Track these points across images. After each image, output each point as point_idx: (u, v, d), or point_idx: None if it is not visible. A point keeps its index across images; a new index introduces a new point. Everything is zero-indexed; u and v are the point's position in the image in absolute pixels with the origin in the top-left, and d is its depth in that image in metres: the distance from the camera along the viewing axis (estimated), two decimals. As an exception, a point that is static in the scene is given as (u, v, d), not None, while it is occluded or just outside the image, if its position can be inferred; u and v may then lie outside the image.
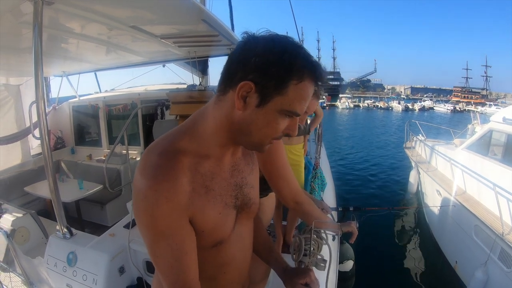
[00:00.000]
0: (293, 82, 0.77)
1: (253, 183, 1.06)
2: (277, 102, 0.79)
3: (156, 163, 0.79)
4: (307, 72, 0.78)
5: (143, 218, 0.79)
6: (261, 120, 0.81)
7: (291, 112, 0.81)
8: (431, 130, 11.00)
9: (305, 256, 1.24)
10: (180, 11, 3.09)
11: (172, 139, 0.86)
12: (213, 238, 0.91)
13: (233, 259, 1.03)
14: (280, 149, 1.42)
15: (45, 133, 2.43)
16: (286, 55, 0.76)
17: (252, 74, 0.77)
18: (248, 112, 0.81)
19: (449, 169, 6.62)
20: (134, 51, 4.68)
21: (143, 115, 5.61)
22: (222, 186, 0.92)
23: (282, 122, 0.83)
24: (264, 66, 0.76)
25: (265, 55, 0.77)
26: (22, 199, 4.74)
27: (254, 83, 0.77)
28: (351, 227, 1.48)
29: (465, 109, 55.98)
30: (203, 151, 0.87)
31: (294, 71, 0.77)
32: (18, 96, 5.23)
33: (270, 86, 0.77)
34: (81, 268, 2.46)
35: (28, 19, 2.33)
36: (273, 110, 0.80)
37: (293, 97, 0.79)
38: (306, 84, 0.79)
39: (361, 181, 12.03)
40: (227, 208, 0.93)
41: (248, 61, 0.77)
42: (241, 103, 0.79)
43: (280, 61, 0.76)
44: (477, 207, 5.31)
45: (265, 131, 0.84)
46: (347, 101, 64.62)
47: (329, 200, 3.61)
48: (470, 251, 5.25)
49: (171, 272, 0.82)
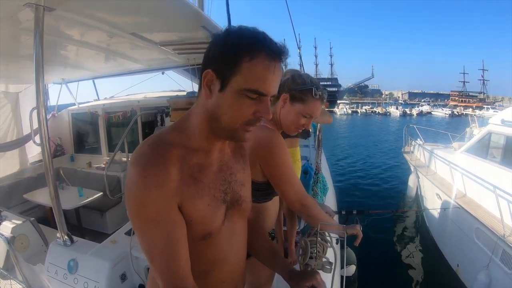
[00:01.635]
0: (245, 60, 0.80)
1: (243, 181, 1.08)
2: (235, 83, 0.81)
3: (146, 153, 0.83)
4: (257, 48, 0.81)
5: (133, 205, 0.81)
6: (224, 103, 0.84)
7: (251, 90, 0.82)
8: (430, 134, 11.04)
9: (311, 259, 1.23)
10: (180, 18, 3.11)
11: (163, 133, 0.91)
12: (202, 229, 0.92)
13: (225, 257, 1.03)
14: (283, 153, 1.43)
15: (45, 140, 2.42)
16: (231, 36, 0.82)
17: (212, 63, 0.83)
18: (214, 99, 0.85)
19: (449, 172, 6.62)
20: (133, 59, 4.70)
21: (142, 122, 5.61)
22: (210, 179, 0.94)
23: (244, 103, 0.84)
24: (217, 53, 0.83)
25: (217, 43, 0.84)
26: (22, 207, 4.71)
27: (214, 70, 0.83)
28: (356, 229, 1.48)
29: (463, 113, 56.27)
30: (191, 145, 0.90)
31: (242, 50, 0.80)
32: (17, 104, 5.25)
33: (226, 69, 0.81)
34: (82, 276, 2.44)
35: (28, 25, 2.34)
36: (233, 91, 0.82)
37: (248, 75, 0.81)
38: (260, 60, 0.81)
39: (360, 186, 12.03)
40: (216, 201, 0.95)
41: (208, 53, 0.86)
42: (207, 91, 0.85)
43: (228, 44, 0.82)
44: (477, 209, 5.31)
45: (231, 114, 0.85)
46: (345, 107, 64.75)
47: (330, 204, 3.60)
48: (472, 254, 5.23)
49: (162, 259, 0.82)
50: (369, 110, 64.29)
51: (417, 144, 9.63)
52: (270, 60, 0.82)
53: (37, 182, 4.86)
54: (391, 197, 10.67)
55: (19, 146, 5.29)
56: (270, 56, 0.82)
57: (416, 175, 8.89)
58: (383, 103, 72.80)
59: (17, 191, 4.77)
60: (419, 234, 7.65)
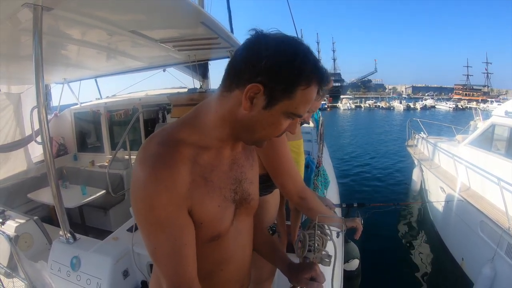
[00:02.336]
0: (301, 88, 0.78)
1: (252, 179, 1.07)
2: (283, 105, 0.80)
3: (156, 153, 0.79)
4: (314, 77, 0.79)
5: (141, 208, 0.79)
6: (266, 121, 0.82)
7: (295, 115, 0.83)
8: (433, 128, 11.00)
9: (310, 252, 1.23)
10: (179, 14, 3.09)
11: (173, 130, 0.87)
12: (211, 231, 0.91)
13: (231, 256, 1.02)
14: (283, 145, 1.42)
15: (46, 139, 2.42)
16: (298, 60, 0.76)
17: (261, 76, 0.76)
18: (254, 113, 0.81)
19: (453, 165, 6.58)
20: (134, 56, 4.69)
21: (144, 119, 5.62)
22: (221, 178, 0.92)
23: (285, 123, 0.85)
24: (274, 70, 0.76)
25: (276, 58, 0.76)
26: (25, 206, 4.74)
27: (263, 85, 0.76)
28: (356, 222, 1.47)
29: (466, 107, 55.83)
30: (203, 143, 0.87)
31: (303, 77, 0.77)
32: (19, 104, 5.26)
33: (279, 89, 0.77)
34: (84, 273, 2.45)
35: (27, 26, 2.33)
36: (279, 112, 0.81)
37: (299, 101, 0.80)
38: (313, 89, 0.81)
39: (364, 180, 12.01)
40: (226, 202, 0.93)
41: (258, 62, 0.76)
42: (248, 104, 0.79)
43: (291, 66, 0.76)
44: (482, 202, 5.28)
45: (268, 131, 0.86)
46: (348, 102, 64.37)
47: (333, 198, 3.59)
48: (477, 248, 5.21)
49: (169, 264, 0.81)
50: (372, 104, 63.92)
51: (420, 137, 9.57)
52: (318, 89, 0.83)
53: (41, 182, 4.88)
54: (395, 191, 10.65)
55: (22, 147, 5.31)
56: (319, 85, 0.83)
57: (420, 168, 8.84)
58: (387, 98, 72.47)
59: (21, 190, 4.80)
60: (423, 228, 7.62)
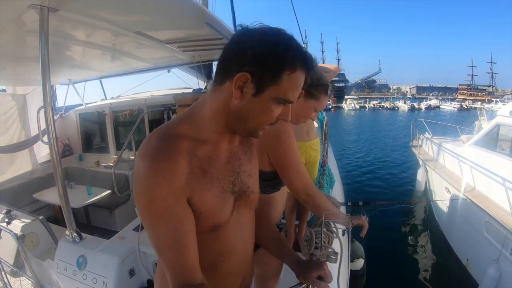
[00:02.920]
0: (287, 73, 0.82)
1: (251, 172, 1.09)
2: (272, 91, 0.83)
3: (155, 146, 0.83)
4: (299, 62, 0.83)
5: (142, 199, 0.82)
6: (257, 108, 0.86)
7: (285, 100, 0.86)
8: (438, 128, 10.93)
9: (316, 249, 1.23)
10: (184, 15, 3.11)
11: (171, 125, 0.91)
12: (210, 221, 0.93)
13: (232, 248, 1.04)
14: (292, 142, 1.43)
15: (53, 139, 2.45)
16: (280, 47, 0.81)
17: (248, 66, 0.81)
18: (245, 101, 0.85)
19: (457, 165, 6.54)
20: (139, 57, 4.72)
21: (149, 120, 5.64)
22: (219, 170, 0.95)
23: (276, 109, 0.88)
24: (259, 58, 0.81)
25: (260, 47, 0.81)
26: (31, 206, 4.78)
27: (251, 74, 0.81)
28: (362, 220, 1.47)
29: (471, 107, 55.49)
30: (200, 137, 0.91)
31: (288, 62, 0.81)
32: (24, 106, 5.32)
33: (266, 76, 0.82)
34: (91, 272, 2.47)
35: (33, 27, 2.35)
36: (268, 98, 0.85)
37: (286, 86, 0.84)
38: (298, 74, 0.84)
39: (369, 180, 11.98)
40: (225, 193, 0.96)
41: (244, 53, 0.81)
42: (238, 93, 0.84)
43: (274, 53, 0.80)
44: (487, 203, 5.24)
45: (261, 118, 0.89)
46: (352, 103, 64.36)
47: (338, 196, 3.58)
48: (482, 248, 5.18)
49: (171, 253, 0.83)
50: (377, 105, 63.87)
51: (425, 138, 9.52)
52: (305, 73, 0.87)
53: (47, 182, 4.93)
54: (399, 191, 10.60)
55: (28, 147, 5.36)
56: (306, 69, 0.86)
57: (425, 169, 8.80)
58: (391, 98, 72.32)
59: (27, 191, 4.84)
60: (428, 228, 7.59)
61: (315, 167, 2.75)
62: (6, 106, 5.05)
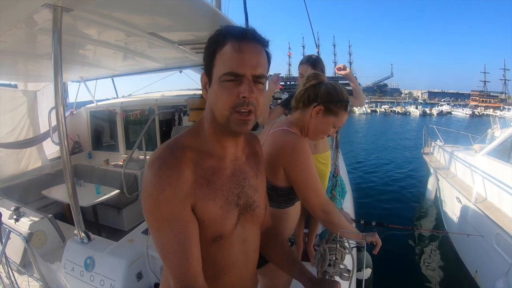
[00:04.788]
0: (218, 51, 0.87)
1: (257, 187, 1.09)
2: (215, 74, 0.88)
3: (162, 156, 0.87)
4: (224, 37, 0.87)
5: (148, 204, 0.85)
6: (212, 95, 0.91)
7: (227, 73, 0.86)
8: (450, 135, 10.78)
9: (330, 266, 1.21)
10: (197, 17, 3.10)
11: (179, 137, 0.96)
12: (213, 231, 0.94)
13: (234, 261, 1.04)
14: (308, 160, 1.41)
15: (64, 138, 2.45)
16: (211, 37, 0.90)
17: (204, 67, 0.94)
18: (208, 95, 0.93)
19: (469, 175, 6.44)
20: (151, 57, 4.73)
21: (160, 120, 5.66)
22: (223, 181, 0.96)
23: (226, 88, 0.87)
24: (204, 55, 0.92)
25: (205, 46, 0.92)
26: (39, 203, 4.82)
27: (205, 71, 0.93)
28: (376, 237, 1.44)
29: (483, 113, 54.84)
30: (205, 149, 0.95)
31: (215, 43, 0.88)
32: (34, 102, 5.38)
33: (208, 66, 0.90)
34: (98, 273, 2.46)
35: (47, 25, 2.36)
36: (216, 82, 0.88)
37: (222, 61, 0.87)
38: (228, 45, 0.86)
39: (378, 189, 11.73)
40: (229, 204, 0.97)
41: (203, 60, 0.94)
42: (204, 92, 0.95)
43: (207, 43, 0.91)
44: (498, 215, 5.14)
45: (219, 103, 0.89)
46: (364, 106, 63.92)
47: (348, 210, 3.53)
48: (491, 260, 5.08)
49: (174, 257, 0.85)
50: (388, 109, 63.22)
51: (436, 145, 9.40)
52: (237, 42, 0.86)
53: (55, 179, 4.97)
54: (410, 200, 10.42)
55: (37, 144, 5.41)
56: (236, 38, 0.86)
57: (436, 177, 8.68)
58: (403, 103, 71.59)
59: (36, 187, 4.88)
60: (438, 238, 7.48)
61: (324, 181, 2.72)
62: (17, 102, 5.10)
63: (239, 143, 1.04)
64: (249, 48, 0.87)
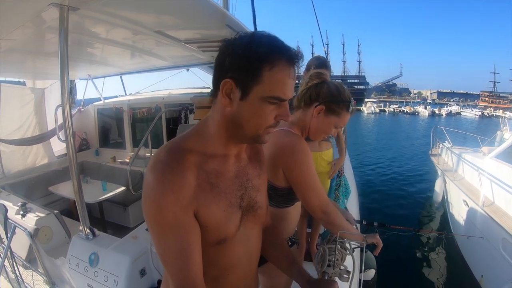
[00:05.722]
0: (266, 69, 0.82)
1: (259, 187, 1.09)
2: (257, 91, 0.84)
3: (164, 160, 0.85)
4: (276, 56, 0.83)
5: (150, 209, 0.84)
6: (247, 111, 0.86)
7: (273, 97, 0.85)
8: (458, 137, 10.64)
9: (329, 267, 1.21)
10: (204, 16, 3.11)
11: (181, 139, 0.93)
12: (216, 235, 0.93)
13: (237, 262, 1.04)
14: (308, 161, 1.41)
15: (70, 135, 2.48)
16: (252, 46, 0.82)
17: (230, 72, 0.84)
18: (235, 107, 0.87)
19: (477, 178, 6.35)
20: (158, 56, 4.75)
21: (166, 118, 5.68)
22: (226, 184, 0.95)
23: (267, 109, 0.87)
24: (236, 62, 0.83)
25: (235, 52, 0.83)
26: (47, 199, 4.87)
27: (233, 79, 0.83)
28: (376, 238, 1.44)
29: (493, 115, 54.14)
30: (208, 151, 0.92)
31: (263, 58, 0.82)
32: (42, 99, 5.44)
33: (246, 78, 0.83)
34: (102, 269, 2.49)
35: (54, 24, 2.38)
36: (256, 99, 0.85)
37: (270, 83, 0.83)
38: (280, 67, 0.83)
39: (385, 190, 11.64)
40: (232, 207, 0.96)
41: (224, 61, 0.85)
42: (227, 100, 0.86)
43: (247, 53, 0.82)
44: (505, 219, 5.07)
45: (255, 121, 0.88)
46: (372, 106, 63.39)
47: (353, 210, 3.51)
48: (498, 265, 5.01)
49: (175, 263, 0.84)
50: (397, 109, 62.64)
51: (444, 147, 9.28)
52: (289, 67, 0.85)
53: (62, 175, 5.00)
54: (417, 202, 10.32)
55: (44, 141, 5.48)
56: (288, 63, 0.85)
57: (443, 179, 8.56)
58: (412, 102, 70.95)
59: (43, 183, 4.93)
60: (444, 241, 7.40)
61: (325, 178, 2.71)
62: (25, 100, 5.16)
63: (243, 144, 1.04)
64: (294, 74, 0.87)
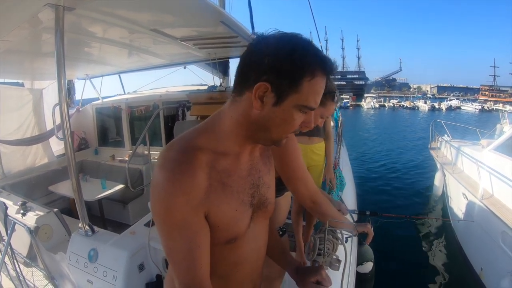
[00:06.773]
0: (306, 79, 0.80)
1: (270, 183, 1.08)
2: (293, 99, 0.81)
3: (175, 159, 0.82)
4: (318, 68, 0.81)
5: (159, 210, 0.82)
6: (279, 117, 0.84)
7: (306, 107, 0.84)
8: (457, 130, 10.61)
9: (319, 256, 1.22)
10: (199, 14, 3.13)
11: (191, 137, 0.89)
12: (227, 234, 0.92)
13: (246, 258, 1.04)
14: (296, 150, 1.42)
15: (68, 135, 2.50)
16: (297, 53, 0.78)
17: (266, 75, 0.79)
18: (266, 111, 0.83)
19: (476, 171, 6.34)
20: (155, 54, 4.77)
21: (164, 116, 5.68)
22: (239, 183, 0.94)
23: (298, 116, 0.86)
24: (277, 66, 0.78)
25: (276, 55, 0.79)
26: (46, 198, 4.91)
27: (270, 83, 0.79)
28: (367, 227, 1.45)
29: (493, 108, 54.00)
30: (220, 149, 0.89)
31: (306, 68, 0.79)
32: (40, 100, 5.47)
33: (285, 84, 0.79)
34: (101, 265, 2.52)
35: (50, 24, 2.39)
36: (290, 107, 0.82)
37: (307, 93, 0.81)
38: (318, 79, 0.82)
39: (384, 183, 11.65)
40: (243, 206, 0.95)
41: (261, 62, 0.80)
42: (259, 103, 0.82)
43: (291, 60, 0.78)
44: (504, 212, 5.05)
45: (283, 127, 0.87)
46: (372, 101, 63.51)
47: (349, 202, 3.53)
48: (497, 258, 4.99)
49: (182, 264, 0.83)
50: (396, 104, 62.85)
51: (444, 140, 9.26)
52: (325, 79, 0.85)
53: (62, 174, 5.04)
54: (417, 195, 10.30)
55: (43, 141, 5.51)
56: (326, 75, 0.85)
57: (442, 173, 8.55)
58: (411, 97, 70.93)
59: (43, 183, 4.97)
60: (443, 234, 7.41)
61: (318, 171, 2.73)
62: (23, 101, 5.19)
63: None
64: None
